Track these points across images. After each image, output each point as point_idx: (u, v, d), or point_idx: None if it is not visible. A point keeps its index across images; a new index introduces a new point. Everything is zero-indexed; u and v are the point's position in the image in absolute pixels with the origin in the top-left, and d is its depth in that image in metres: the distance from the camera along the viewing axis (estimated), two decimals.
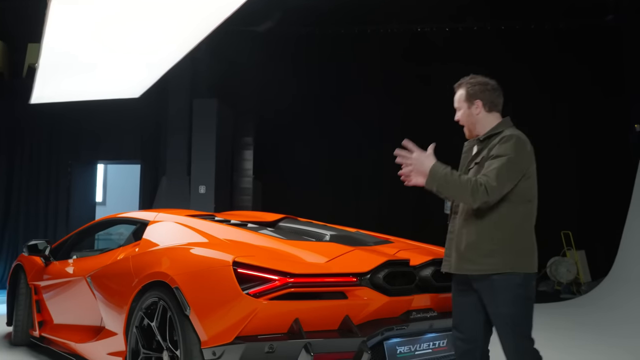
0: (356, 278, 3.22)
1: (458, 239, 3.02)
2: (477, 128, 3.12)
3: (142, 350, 3.57)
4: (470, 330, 3.07)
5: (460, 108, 3.15)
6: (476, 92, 3.10)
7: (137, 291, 3.63)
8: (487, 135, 3.05)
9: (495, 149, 2.92)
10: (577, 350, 6.19)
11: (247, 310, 3.02)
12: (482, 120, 3.10)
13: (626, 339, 6.62)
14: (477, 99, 3.09)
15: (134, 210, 6.21)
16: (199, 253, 3.46)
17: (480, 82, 3.12)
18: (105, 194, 14.69)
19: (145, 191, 11.05)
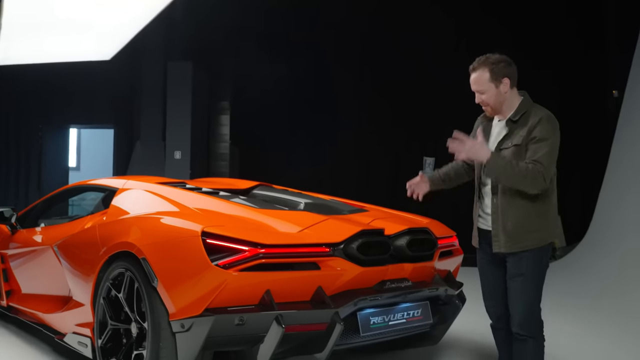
0: (329, 248, 3.14)
1: (504, 219, 3.08)
2: (504, 106, 3.15)
3: (110, 321, 3.47)
4: (501, 295, 3.25)
5: (485, 90, 3.11)
6: (501, 69, 3.10)
7: (104, 261, 3.52)
8: (520, 115, 3.09)
9: (537, 131, 3.00)
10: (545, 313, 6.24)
11: (216, 282, 2.93)
12: (509, 98, 3.14)
13: (594, 300, 6.78)
14: (504, 77, 3.10)
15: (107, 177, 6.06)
16: (167, 223, 3.34)
17: (502, 59, 3.12)
18: (79, 159, 14.42)
19: (119, 156, 10.84)
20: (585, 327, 5.57)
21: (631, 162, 8.72)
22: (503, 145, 3.13)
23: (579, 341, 4.96)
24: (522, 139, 3.04)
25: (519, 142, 3.06)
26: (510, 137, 3.12)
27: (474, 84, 3.15)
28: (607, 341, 5.01)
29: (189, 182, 4.58)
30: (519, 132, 3.08)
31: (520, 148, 3.05)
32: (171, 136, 10.25)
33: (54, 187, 10.42)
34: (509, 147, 3.10)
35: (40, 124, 10.72)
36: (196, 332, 2.95)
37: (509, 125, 3.15)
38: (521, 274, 3.08)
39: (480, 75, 3.11)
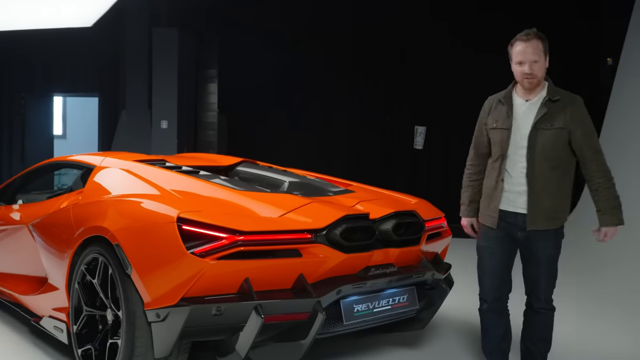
0: (311, 234, 3.01)
1: (540, 200, 3.11)
2: (539, 83, 3.17)
3: (85, 307, 3.35)
4: (503, 277, 3.30)
5: (538, 60, 3.10)
6: (547, 47, 3.14)
7: (78, 245, 3.39)
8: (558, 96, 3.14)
9: (581, 118, 3.12)
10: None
11: (193, 270, 2.80)
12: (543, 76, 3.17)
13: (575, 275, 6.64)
14: (548, 53, 3.14)
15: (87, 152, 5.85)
16: (143, 207, 3.19)
17: (544, 36, 3.15)
18: (66, 127, 14.17)
19: (105, 126, 10.60)
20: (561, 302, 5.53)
21: (624, 132, 8.60)
22: (542, 125, 3.12)
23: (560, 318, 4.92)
24: (566, 123, 3.09)
25: (562, 126, 3.10)
26: (550, 117, 3.11)
27: (528, 54, 3.09)
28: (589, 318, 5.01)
29: (169, 159, 4.41)
30: (560, 114, 3.10)
31: (563, 132, 3.10)
32: (157, 105, 9.99)
33: (38, 156, 10.27)
34: (549, 129, 3.10)
35: (22, 93, 10.44)
36: (172, 322, 2.83)
37: (548, 105, 3.13)
38: (549, 252, 3.18)
39: (537, 45, 3.10)
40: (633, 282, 6.04)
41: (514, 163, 3.17)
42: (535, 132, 3.12)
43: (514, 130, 3.17)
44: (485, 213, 3.30)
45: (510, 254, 3.29)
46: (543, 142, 3.10)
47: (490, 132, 3.29)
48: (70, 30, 8.40)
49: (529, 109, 3.18)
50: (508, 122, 3.19)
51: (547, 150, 3.09)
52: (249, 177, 4.37)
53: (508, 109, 3.21)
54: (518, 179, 3.15)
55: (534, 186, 3.10)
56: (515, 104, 3.22)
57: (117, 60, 10.49)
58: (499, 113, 3.25)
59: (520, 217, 3.16)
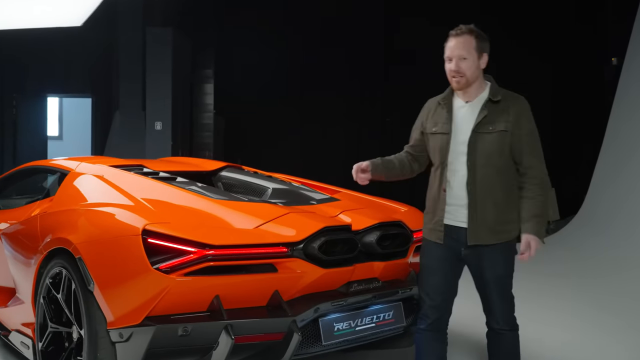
0: (287, 248, 2.80)
1: (482, 211, 2.83)
2: (475, 84, 2.88)
3: (50, 324, 3.15)
4: (445, 297, 3.00)
5: (466, 57, 2.83)
6: (484, 44, 2.87)
7: (44, 257, 3.19)
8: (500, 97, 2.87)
9: (525, 119, 2.84)
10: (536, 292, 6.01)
11: (157, 287, 2.60)
12: (481, 76, 2.90)
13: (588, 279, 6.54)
14: (484, 52, 2.87)
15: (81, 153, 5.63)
16: (107, 217, 2.99)
17: (484, 35, 2.89)
18: (62, 128, 13.99)
19: (98, 127, 10.42)
20: (565, 308, 5.41)
21: (629, 134, 8.38)
22: (483, 129, 2.83)
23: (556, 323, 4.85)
24: (510, 125, 2.81)
25: (504, 128, 2.81)
26: (491, 120, 2.82)
27: (457, 48, 2.83)
28: (589, 325, 4.86)
29: (149, 164, 4.20)
30: (502, 116, 2.82)
31: (505, 135, 2.81)
32: (151, 106, 9.78)
33: (31, 157, 10.08)
34: (490, 132, 2.82)
35: (13, 94, 10.26)
36: (136, 343, 2.63)
37: (488, 106, 2.84)
38: (498, 272, 2.89)
39: (467, 40, 2.82)
40: (635, 290, 5.84)
41: (454, 172, 2.87)
42: (474, 137, 2.82)
43: (453, 136, 2.88)
44: (429, 226, 2.98)
45: (454, 273, 2.98)
46: (484, 148, 2.81)
47: (430, 137, 2.99)
48: (61, 30, 8.21)
49: (469, 111, 2.88)
50: (447, 127, 2.90)
51: (489, 156, 2.80)
52: (232, 182, 4.18)
53: (448, 112, 2.93)
54: (459, 190, 2.86)
55: (475, 196, 2.82)
56: (455, 106, 2.93)
57: (110, 60, 10.30)
58: (439, 116, 2.96)
59: (463, 232, 2.86)
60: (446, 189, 2.89)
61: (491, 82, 2.93)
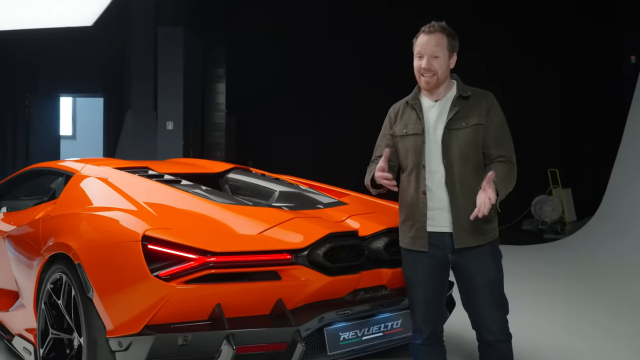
0: (291, 255, 2.71)
1: (466, 212, 2.64)
2: (445, 84, 2.79)
3: (51, 330, 3.09)
4: (437, 309, 2.83)
5: (438, 55, 2.72)
6: (455, 43, 2.79)
7: (45, 262, 3.14)
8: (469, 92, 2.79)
9: (495, 113, 2.75)
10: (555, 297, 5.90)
11: (157, 296, 2.52)
12: (448, 77, 2.81)
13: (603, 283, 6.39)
14: (454, 52, 2.79)
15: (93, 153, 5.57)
16: (108, 222, 2.92)
17: (456, 35, 2.80)
18: (75, 128, 14.02)
19: (109, 127, 10.40)
20: (579, 314, 5.25)
21: None
22: (455, 126, 2.71)
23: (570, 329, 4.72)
24: (482, 119, 2.72)
25: (478, 122, 2.72)
26: (463, 115, 2.72)
27: (429, 46, 2.72)
28: (601, 331, 4.73)
29: (154, 166, 4.13)
30: (474, 111, 2.73)
31: (479, 128, 2.72)
32: (163, 106, 9.77)
33: (44, 157, 10.09)
34: (464, 128, 2.71)
35: (26, 93, 10.29)
36: (135, 352, 2.56)
37: (459, 103, 2.75)
38: (491, 275, 2.72)
39: (440, 38, 2.72)
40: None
41: (432, 173, 2.71)
42: (448, 134, 2.69)
43: (426, 136, 2.73)
44: (409, 235, 2.77)
45: (442, 281, 2.80)
46: (458, 144, 2.68)
47: (401, 140, 2.81)
48: (73, 29, 8.20)
49: (439, 110, 2.76)
50: (419, 127, 2.75)
51: (465, 153, 2.68)
52: (239, 185, 4.11)
53: (418, 112, 2.78)
54: (438, 192, 2.70)
55: (456, 196, 2.66)
56: (424, 106, 2.80)
57: (122, 60, 10.29)
58: (408, 117, 2.81)
59: (447, 237, 2.69)
60: (425, 191, 2.72)
61: (457, 81, 2.84)
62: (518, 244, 9.37)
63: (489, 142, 2.71)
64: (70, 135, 13.88)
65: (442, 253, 2.72)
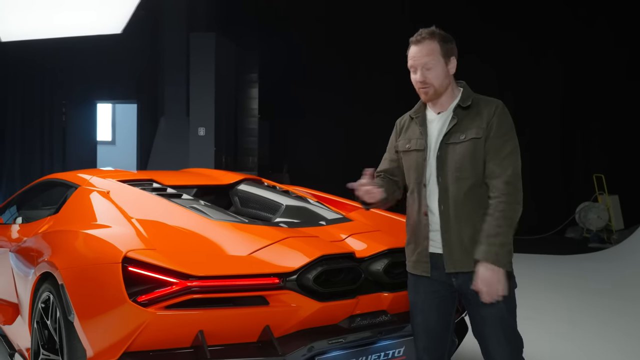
0: (279, 279, 2.53)
1: (457, 233, 2.43)
2: (447, 92, 2.54)
3: (42, 350, 3.00)
4: (439, 337, 2.59)
5: (433, 65, 2.49)
6: (450, 47, 2.52)
7: (37, 279, 3.05)
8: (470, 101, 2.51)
9: (496, 123, 2.43)
10: (600, 312, 5.54)
11: (135, 321, 2.39)
12: (451, 83, 2.55)
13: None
14: (452, 56, 2.53)
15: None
16: (93, 242, 2.81)
17: (450, 36, 2.54)
18: (114, 133, 14.20)
19: (144, 132, 10.46)
20: (617, 338, 4.83)
21: None
22: (452, 139, 2.48)
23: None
24: (483, 132, 2.43)
25: (477, 136, 2.44)
26: (459, 128, 2.47)
27: (420, 56, 2.49)
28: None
29: (162, 177, 4.01)
30: (473, 123, 2.46)
31: (478, 142, 2.44)
32: (195, 112, 9.76)
33: (80, 163, 10.23)
34: (461, 142, 2.46)
35: (63, 100, 10.45)
36: None
37: (457, 113, 2.50)
38: (496, 307, 2.40)
39: (430, 47, 2.48)
40: None
41: (431, 192, 2.51)
42: (444, 149, 2.47)
43: (428, 152, 2.53)
44: (412, 259, 2.59)
45: (445, 307, 2.55)
46: (454, 159, 2.45)
47: (404, 156, 2.65)
48: (107, 37, 8.25)
49: (440, 123, 2.54)
50: (422, 142, 2.55)
51: (461, 168, 2.43)
52: (248, 197, 3.98)
53: (421, 126, 2.58)
54: (436, 212, 2.49)
55: (447, 216, 2.43)
56: (428, 119, 2.59)
57: (155, 66, 10.33)
58: (412, 132, 2.62)
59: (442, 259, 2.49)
60: (427, 212, 2.51)
61: (464, 88, 2.58)
62: (560, 253, 8.98)
63: (488, 157, 2.43)
64: (109, 141, 14.07)
65: (446, 276, 2.50)
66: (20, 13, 6.71)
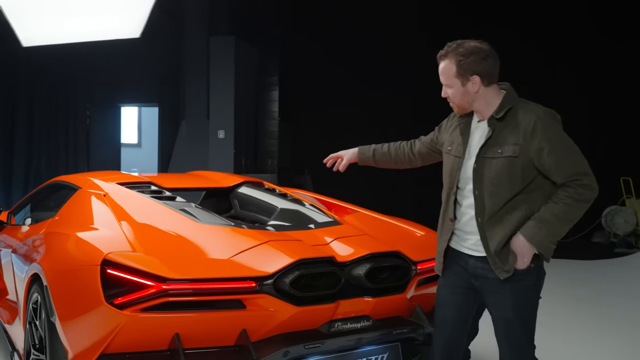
0: (256, 283, 2.52)
1: (494, 241, 2.43)
2: (476, 106, 2.51)
3: (33, 351, 3.04)
4: (457, 331, 2.64)
5: (451, 85, 2.51)
6: (471, 65, 2.43)
7: (30, 280, 3.10)
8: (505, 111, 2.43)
9: (542, 138, 2.34)
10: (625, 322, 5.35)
11: (111, 324, 2.41)
12: (482, 96, 2.48)
13: None
14: (473, 74, 2.44)
15: None
16: (77, 244, 2.84)
17: (474, 51, 2.44)
18: (140, 136, 14.40)
19: (165, 135, 10.59)
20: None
21: None
22: (489, 154, 2.44)
23: None
24: (518, 149, 2.36)
25: (514, 154, 2.37)
26: (496, 141, 2.43)
27: (441, 74, 2.53)
28: None
29: (163, 180, 4.05)
30: (509, 137, 2.40)
31: (515, 161, 2.37)
32: (214, 115, 9.83)
33: (104, 166, 10.40)
34: (497, 157, 2.41)
35: (87, 104, 10.65)
36: None
37: (492, 124, 2.46)
38: (507, 313, 2.45)
39: (447, 67, 2.49)
40: None
41: (463, 198, 2.54)
42: (481, 162, 2.45)
43: (465, 160, 2.53)
44: (435, 258, 2.72)
45: (465, 305, 2.61)
46: (490, 175, 2.42)
47: (444, 156, 2.70)
48: (127, 41, 8.36)
49: (480, 132, 2.51)
50: (461, 150, 2.55)
51: (498, 184, 2.40)
52: (247, 200, 4.00)
53: (462, 134, 2.57)
54: (467, 219, 2.52)
55: (484, 229, 2.44)
56: (473, 125, 2.57)
57: (177, 70, 10.44)
58: (456, 136, 2.62)
59: (472, 261, 2.52)
60: (454, 217, 2.57)
61: (505, 94, 2.49)
62: (587, 258, 8.76)
63: (546, 170, 2.37)
64: (136, 143, 14.28)
65: (466, 275, 2.56)
66: (38, 18, 6.86)
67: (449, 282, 2.62)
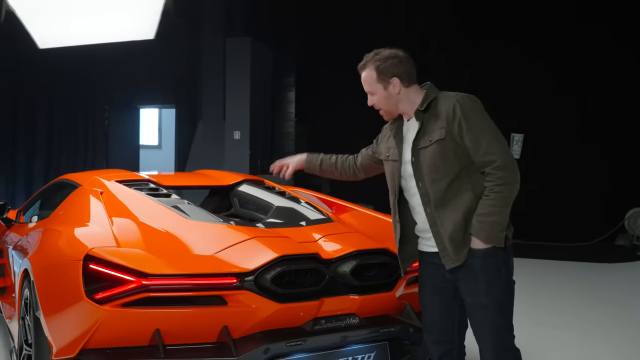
0: (237, 279, 2.49)
1: (446, 227, 2.48)
2: (402, 107, 2.63)
3: (24, 346, 3.06)
4: (446, 330, 2.63)
5: (374, 92, 2.64)
6: (389, 68, 2.59)
7: (22, 276, 3.12)
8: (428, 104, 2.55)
9: (461, 118, 2.45)
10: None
11: (91, 319, 2.41)
12: (404, 97, 2.61)
13: None
14: (392, 77, 2.59)
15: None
16: (61, 240, 2.85)
17: (391, 56, 2.62)
18: (161, 137, 14.52)
19: (181, 136, 10.65)
20: None
21: None
22: (421, 144, 2.54)
23: None
24: (445, 132, 2.47)
25: (441, 137, 2.48)
26: (426, 131, 2.53)
27: (363, 84, 2.67)
28: None
29: (164, 178, 4.06)
30: (435, 125, 2.51)
31: (444, 142, 2.47)
32: (230, 116, 9.85)
33: (123, 166, 10.48)
34: (428, 145, 2.51)
35: (105, 105, 10.77)
36: None
37: (419, 117, 2.56)
38: (477, 293, 2.46)
39: (368, 75, 2.63)
40: None
41: (411, 196, 2.61)
42: (416, 154, 2.53)
43: (402, 161, 2.62)
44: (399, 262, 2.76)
45: (447, 303, 2.60)
46: (426, 162, 2.49)
47: (385, 163, 2.78)
48: (143, 42, 8.43)
49: (412, 129, 2.60)
50: (397, 153, 2.65)
51: (436, 169, 2.48)
52: (247, 198, 3.99)
53: (395, 137, 2.67)
54: (420, 214, 2.57)
55: (434, 216, 2.49)
56: (405, 127, 2.66)
57: (193, 71, 10.50)
58: (391, 142, 2.71)
59: (437, 257, 2.54)
60: (414, 223, 2.63)
61: (427, 90, 2.61)
62: (609, 261, 8.59)
63: (468, 150, 2.46)
64: (156, 145, 14.40)
65: (441, 272, 2.55)
66: (49, 19, 6.95)
67: (428, 284, 2.63)
